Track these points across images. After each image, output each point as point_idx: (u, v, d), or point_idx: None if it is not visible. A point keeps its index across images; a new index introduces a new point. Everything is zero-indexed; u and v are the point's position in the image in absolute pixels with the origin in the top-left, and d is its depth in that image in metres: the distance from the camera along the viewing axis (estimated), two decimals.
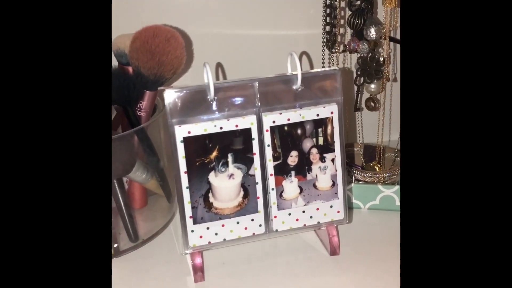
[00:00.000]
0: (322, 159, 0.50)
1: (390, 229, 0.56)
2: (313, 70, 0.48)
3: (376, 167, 0.65)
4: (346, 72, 0.68)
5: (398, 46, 0.67)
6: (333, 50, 0.58)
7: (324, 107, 0.48)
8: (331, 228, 0.52)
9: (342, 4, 0.61)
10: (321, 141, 0.49)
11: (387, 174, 0.61)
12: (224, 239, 0.49)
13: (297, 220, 0.50)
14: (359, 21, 0.58)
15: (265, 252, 0.54)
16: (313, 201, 0.50)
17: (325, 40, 0.58)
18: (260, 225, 0.49)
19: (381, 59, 0.57)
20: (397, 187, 0.59)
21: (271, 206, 0.49)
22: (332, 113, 0.49)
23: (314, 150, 0.49)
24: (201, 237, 0.48)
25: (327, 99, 0.49)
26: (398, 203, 0.59)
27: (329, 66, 0.59)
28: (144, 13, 0.64)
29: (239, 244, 0.52)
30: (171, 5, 0.65)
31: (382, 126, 0.68)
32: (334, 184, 0.50)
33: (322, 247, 0.54)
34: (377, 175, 0.62)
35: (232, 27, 0.66)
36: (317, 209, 0.50)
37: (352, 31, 0.60)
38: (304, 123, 0.48)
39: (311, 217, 0.50)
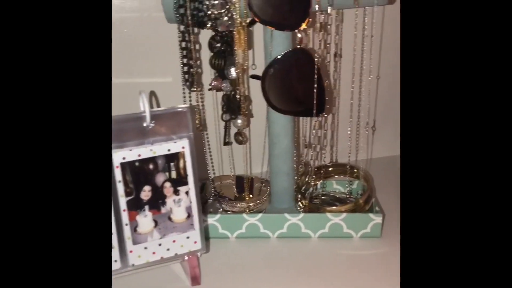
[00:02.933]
0: (176, 192, 0.52)
1: (255, 256, 0.59)
2: (162, 108, 0.51)
3: (247, 197, 0.69)
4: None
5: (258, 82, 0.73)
6: (193, 89, 0.61)
7: (175, 142, 0.51)
8: (192, 259, 0.53)
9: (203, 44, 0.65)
10: (174, 175, 0.51)
11: (253, 203, 0.65)
12: None
13: (153, 253, 0.51)
14: (220, 62, 0.63)
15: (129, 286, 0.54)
16: (169, 233, 0.52)
17: (184, 80, 0.61)
18: (116, 261, 0.50)
19: (237, 96, 0.62)
20: (260, 215, 0.62)
21: (126, 241, 0.50)
22: (183, 147, 0.51)
23: (168, 184, 0.51)
24: None
25: (178, 135, 0.52)
26: (262, 230, 0.63)
27: (190, 104, 0.62)
28: None
29: None
30: None
31: (250, 158, 0.72)
32: (189, 215, 0.53)
33: (186, 279, 0.55)
34: (244, 205, 0.65)
35: None
36: (174, 241, 0.52)
37: (215, 71, 0.64)
38: (156, 158, 0.51)
39: (168, 249, 0.52)
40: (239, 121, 0.65)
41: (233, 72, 0.62)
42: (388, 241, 0.61)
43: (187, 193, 0.52)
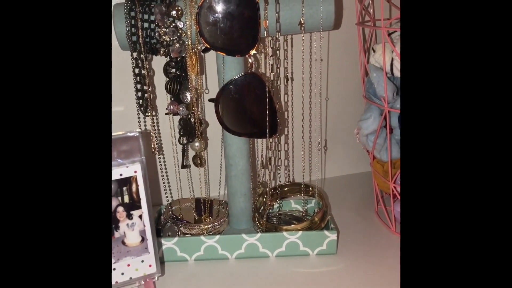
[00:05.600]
0: (129, 216, 0.52)
1: (213, 277, 0.60)
2: (114, 134, 0.52)
3: (206, 219, 0.70)
4: None
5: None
6: (147, 114, 0.62)
7: (127, 166, 0.52)
8: (148, 283, 0.53)
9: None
10: (126, 199, 0.52)
11: (211, 225, 0.66)
12: None
13: None
14: (176, 87, 0.64)
15: None
16: (123, 257, 0.52)
17: (138, 105, 0.62)
18: None
19: (192, 120, 0.63)
20: (218, 237, 0.63)
21: None
22: (135, 172, 0.52)
23: (120, 209, 0.52)
24: None
25: (130, 160, 0.52)
26: (221, 251, 0.63)
27: (145, 128, 0.63)
28: None
29: None
30: None
31: (208, 180, 0.73)
32: (143, 239, 0.53)
33: None
34: (202, 227, 0.66)
35: None
36: (128, 265, 0.52)
37: (171, 95, 0.66)
38: None
39: (122, 273, 0.52)
40: (196, 144, 0.66)
41: (188, 96, 0.63)
42: (344, 257, 0.63)
43: (140, 216, 0.53)
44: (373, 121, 0.68)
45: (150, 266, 0.53)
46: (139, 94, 0.61)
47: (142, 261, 0.53)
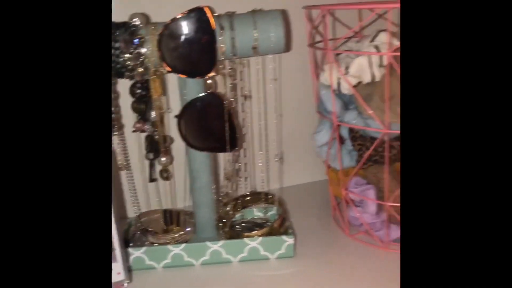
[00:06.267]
0: None
1: (180, 283, 0.64)
2: None
3: (174, 229, 0.74)
4: None
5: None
6: (114, 133, 0.67)
7: None
8: None
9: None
10: None
11: (177, 235, 0.70)
12: None
13: None
14: (142, 106, 0.69)
15: None
16: None
17: None
18: None
19: (156, 137, 0.68)
20: (184, 245, 0.67)
21: None
22: None
23: None
24: None
25: None
26: (187, 258, 0.68)
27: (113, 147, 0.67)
28: None
29: None
30: None
31: (175, 192, 0.78)
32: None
33: None
34: (169, 237, 0.70)
35: None
36: None
37: (137, 114, 0.70)
38: None
39: None
40: (163, 158, 0.71)
41: (153, 115, 0.68)
42: (301, 260, 0.68)
43: None
44: (324, 133, 0.74)
45: (118, 273, 0.57)
46: None
47: (111, 269, 0.57)
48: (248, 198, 0.78)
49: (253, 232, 0.70)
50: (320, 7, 0.65)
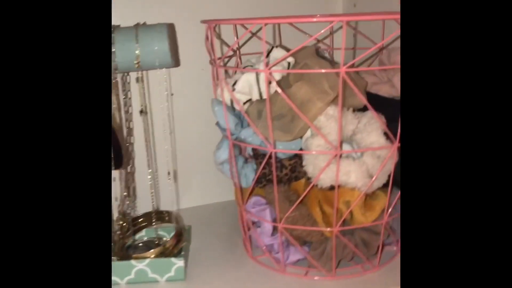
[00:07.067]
0: None
1: None
2: None
3: None
4: None
5: None
6: None
7: None
8: None
9: None
10: None
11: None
12: None
13: None
14: None
15: None
16: None
17: None
18: None
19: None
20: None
21: None
22: None
23: None
24: None
25: None
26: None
27: None
28: None
29: None
30: None
31: None
32: None
33: None
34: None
35: None
36: None
37: None
38: None
39: None
40: None
41: None
42: (192, 284, 0.65)
43: None
44: (223, 150, 0.72)
45: None
46: None
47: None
48: (140, 219, 0.75)
49: (141, 253, 0.67)
50: (208, 22, 0.63)
